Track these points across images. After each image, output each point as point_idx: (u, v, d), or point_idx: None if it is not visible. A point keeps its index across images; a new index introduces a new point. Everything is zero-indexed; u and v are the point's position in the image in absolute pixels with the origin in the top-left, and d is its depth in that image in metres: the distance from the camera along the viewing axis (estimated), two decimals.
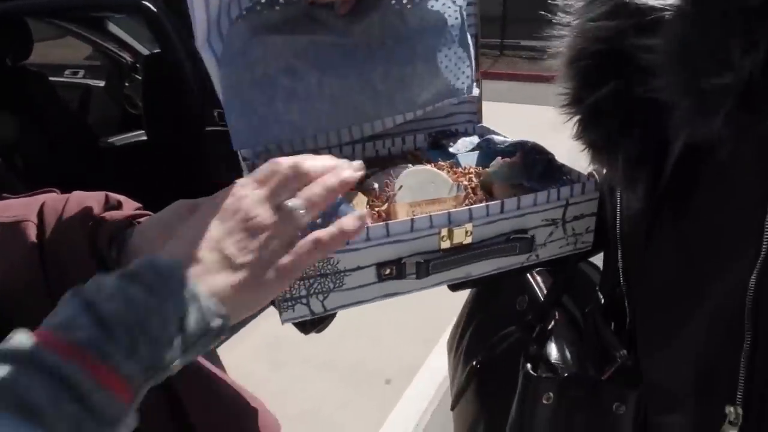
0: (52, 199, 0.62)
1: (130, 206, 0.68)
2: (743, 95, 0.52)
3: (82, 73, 3.71)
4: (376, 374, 2.55)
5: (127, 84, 3.30)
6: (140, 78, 3.03)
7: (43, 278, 0.57)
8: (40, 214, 0.60)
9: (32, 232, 0.59)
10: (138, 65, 3.17)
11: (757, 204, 0.53)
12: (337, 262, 0.62)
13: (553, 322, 0.92)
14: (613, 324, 0.87)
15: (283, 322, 0.64)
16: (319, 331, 0.91)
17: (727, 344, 0.58)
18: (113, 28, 3.03)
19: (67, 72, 3.74)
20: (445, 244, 0.65)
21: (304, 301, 0.63)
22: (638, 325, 0.72)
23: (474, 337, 1.10)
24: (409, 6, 0.83)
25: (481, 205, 0.67)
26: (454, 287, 0.89)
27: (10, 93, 2.89)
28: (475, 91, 0.92)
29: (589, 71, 0.67)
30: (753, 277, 0.55)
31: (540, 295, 0.95)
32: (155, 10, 2.22)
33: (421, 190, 0.71)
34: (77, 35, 3.19)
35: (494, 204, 0.67)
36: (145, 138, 2.87)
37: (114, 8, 2.63)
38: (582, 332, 0.91)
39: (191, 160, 2.43)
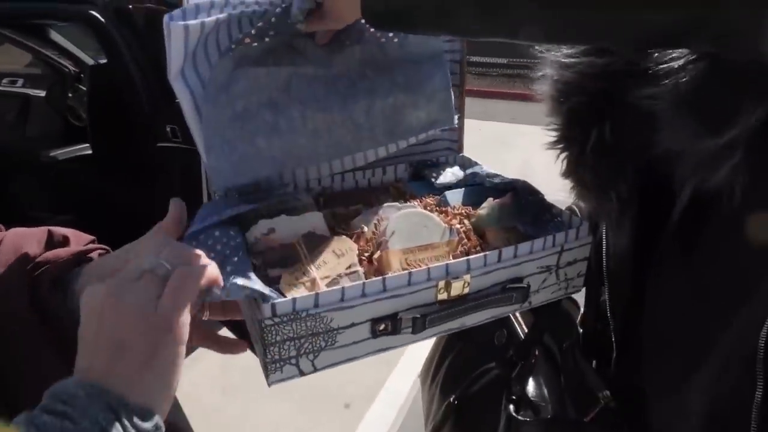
0: None
1: (81, 240, 0.62)
2: (751, 144, 0.51)
3: (21, 82, 3.51)
4: (334, 398, 2.48)
5: (70, 95, 3.14)
6: (84, 88, 2.89)
7: None
8: None
9: None
10: (82, 75, 3.03)
11: None
12: (331, 320, 0.58)
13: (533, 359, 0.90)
14: (594, 361, 0.86)
15: (270, 384, 0.59)
16: None
17: (737, 393, 0.57)
18: (55, 36, 2.87)
19: (4, 81, 3.53)
20: (442, 296, 0.62)
21: (293, 361, 0.58)
22: (643, 370, 0.71)
23: (451, 371, 1.07)
24: (389, 36, 0.80)
25: (479, 255, 0.64)
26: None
27: None
28: (456, 123, 0.90)
29: (579, 109, 0.65)
30: (766, 325, 0.53)
31: (519, 330, 0.93)
32: (103, 20, 2.12)
33: (413, 234, 0.67)
34: (16, 42, 3.02)
35: (492, 253, 0.64)
36: (89, 152, 2.74)
37: (59, 17, 2.50)
38: (560, 368, 0.89)
39: (140, 175, 2.32)
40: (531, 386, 0.87)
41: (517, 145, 5.05)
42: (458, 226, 0.71)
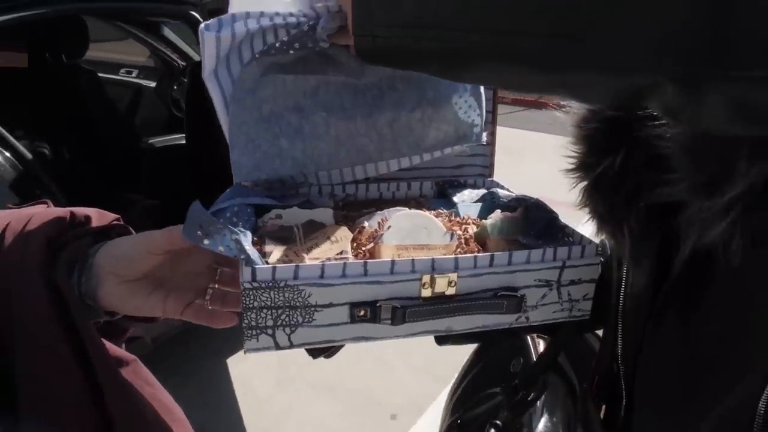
0: (17, 219, 0.61)
1: (104, 219, 0.67)
2: (749, 204, 0.48)
3: (135, 72, 3.83)
4: (381, 407, 2.46)
5: (175, 87, 3.38)
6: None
7: None
8: (2, 235, 0.59)
9: None
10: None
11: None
12: (309, 296, 0.59)
13: (545, 393, 0.87)
14: (605, 406, 0.82)
15: (246, 351, 0.61)
16: (328, 356, 0.88)
17: None
18: (168, 33, 3.14)
19: (122, 71, 3.86)
20: (426, 292, 0.62)
21: (269, 332, 0.60)
22: (633, 424, 0.67)
23: (465, 390, 1.06)
24: None
25: (469, 255, 0.63)
26: (440, 341, 0.85)
27: (61, 88, 2.99)
28: (485, 140, 0.90)
29: (599, 136, 0.63)
30: (764, 396, 0.49)
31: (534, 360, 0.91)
32: (201, 19, 2.30)
33: (412, 234, 0.68)
34: (136, 37, 3.29)
35: (483, 256, 0.64)
36: (183, 142, 2.92)
37: (168, 15, 2.72)
38: (576, 410, 0.86)
39: (226, 169, 2.44)
40: (542, 424, 0.84)
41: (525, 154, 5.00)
42: (460, 232, 0.71)
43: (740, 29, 0.36)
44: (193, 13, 2.35)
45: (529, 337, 1.02)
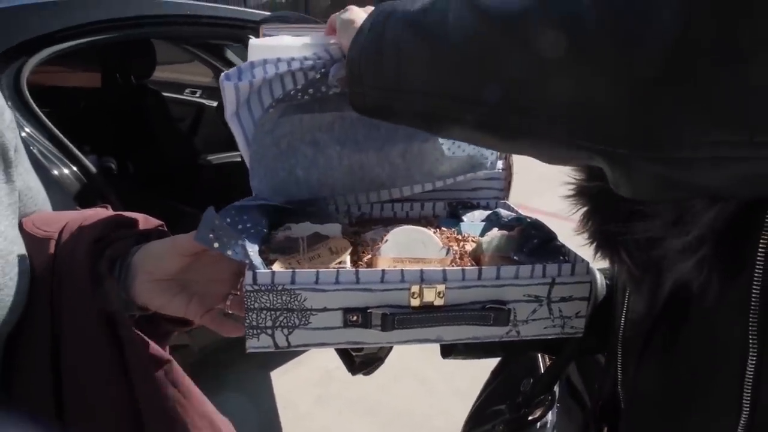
0: (74, 219, 0.70)
1: (149, 224, 0.75)
2: (717, 242, 0.50)
3: (199, 92, 4.02)
4: (419, 427, 2.46)
5: None
6: None
7: (48, 293, 0.64)
8: (61, 232, 0.68)
9: (52, 249, 0.66)
10: None
11: (737, 361, 0.49)
12: (304, 300, 0.64)
13: (557, 414, 0.89)
14: (606, 429, 0.83)
15: (248, 350, 0.66)
16: (367, 373, 0.92)
17: None
18: (230, 55, 3.29)
19: (186, 91, 4.07)
20: (415, 302, 0.66)
21: (269, 332, 0.65)
22: None
23: (479, 408, 1.08)
24: None
25: (457, 268, 0.67)
26: (444, 354, 0.89)
27: (130, 107, 3.19)
28: (500, 167, 0.93)
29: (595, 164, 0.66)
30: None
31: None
32: None
33: (409, 247, 0.72)
34: (201, 59, 3.47)
35: (471, 269, 0.67)
36: (239, 160, 3.05)
37: (230, 39, 2.87)
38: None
39: None
40: None
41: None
42: (456, 248, 0.75)
43: (657, 116, 0.40)
44: (251, 36, 2.48)
45: (540, 358, 1.04)
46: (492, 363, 1.04)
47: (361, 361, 2.04)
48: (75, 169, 2.04)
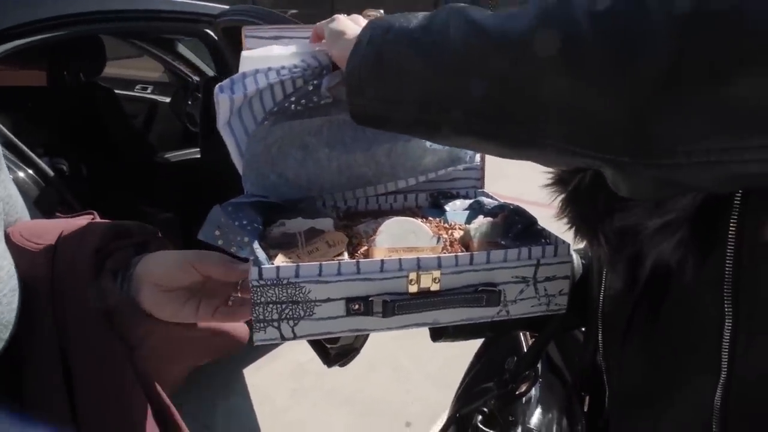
0: (69, 228, 0.70)
1: (144, 233, 0.75)
2: (694, 222, 0.55)
3: (150, 88, 3.95)
4: (396, 415, 2.53)
5: (190, 102, 3.48)
6: None
7: (50, 308, 0.64)
8: (56, 244, 0.67)
9: (49, 262, 0.65)
10: None
11: (715, 329, 0.55)
12: (309, 292, 0.67)
13: (540, 389, 0.94)
14: (589, 397, 0.89)
15: (255, 342, 0.69)
16: (343, 364, 0.95)
17: None
18: (182, 49, 3.25)
19: (137, 87, 3.98)
20: (413, 288, 0.70)
21: (275, 324, 0.68)
22: (611, 419, 0.74)
23: (466, 387, 1.13)
24: None
25: (450, 255, 0.71)
26: (434, 337, 0.93)
27: (80, 106, 3.11)
28: (478, 161, 0.98)
29: None
30: (717, 398, 0.56)
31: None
32: (215, 37, 2.38)
33: (402, 238, 0.75)
34: (151, 54, 3.41)
35: (464, 255, 0.71)
36: (198, 156, 3.02)
37: (183, 33, 2.83)
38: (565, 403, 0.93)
39: (237, 184, 2.54)
40: (535, 416, 0.91)
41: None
42: (446, 236, 0.79)
43: (654, 128, 0.44)
44: (207, 30, 2.45)
45: (522, 337, 1.09)
46: (461, 347, 1.08)
47: (336, 353, 2.07)
48: (31, 172, 1.99)
